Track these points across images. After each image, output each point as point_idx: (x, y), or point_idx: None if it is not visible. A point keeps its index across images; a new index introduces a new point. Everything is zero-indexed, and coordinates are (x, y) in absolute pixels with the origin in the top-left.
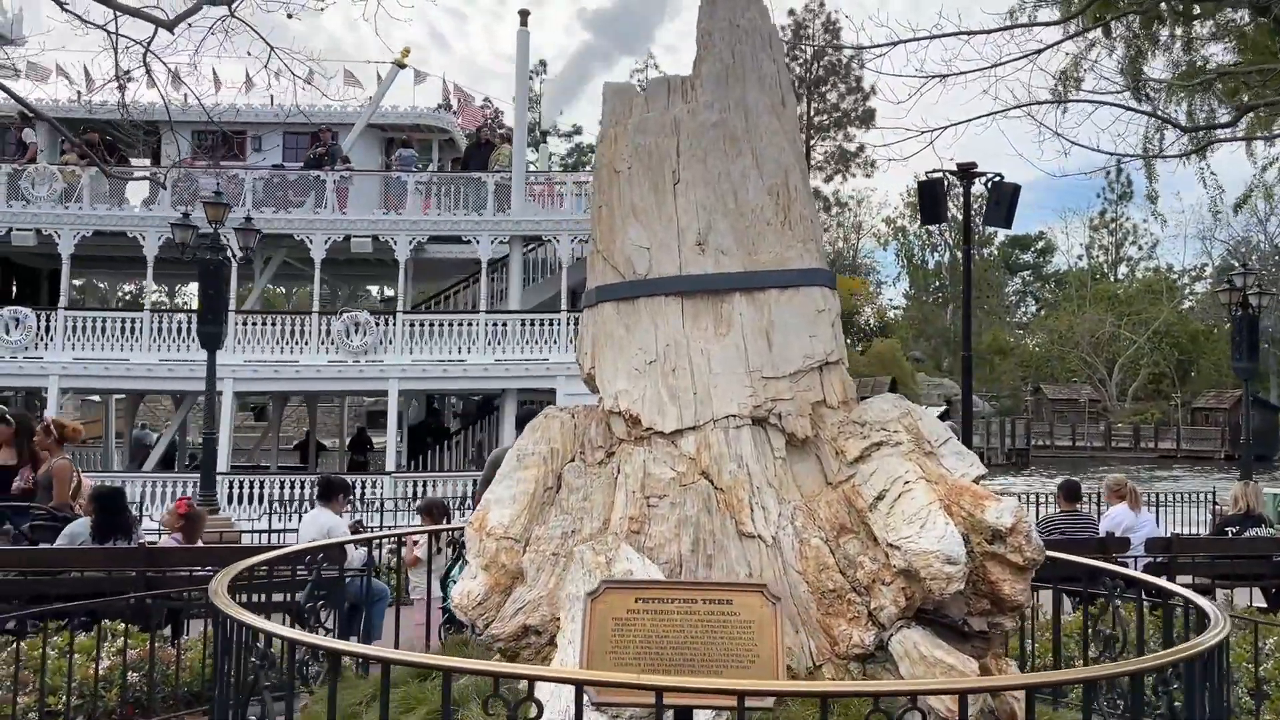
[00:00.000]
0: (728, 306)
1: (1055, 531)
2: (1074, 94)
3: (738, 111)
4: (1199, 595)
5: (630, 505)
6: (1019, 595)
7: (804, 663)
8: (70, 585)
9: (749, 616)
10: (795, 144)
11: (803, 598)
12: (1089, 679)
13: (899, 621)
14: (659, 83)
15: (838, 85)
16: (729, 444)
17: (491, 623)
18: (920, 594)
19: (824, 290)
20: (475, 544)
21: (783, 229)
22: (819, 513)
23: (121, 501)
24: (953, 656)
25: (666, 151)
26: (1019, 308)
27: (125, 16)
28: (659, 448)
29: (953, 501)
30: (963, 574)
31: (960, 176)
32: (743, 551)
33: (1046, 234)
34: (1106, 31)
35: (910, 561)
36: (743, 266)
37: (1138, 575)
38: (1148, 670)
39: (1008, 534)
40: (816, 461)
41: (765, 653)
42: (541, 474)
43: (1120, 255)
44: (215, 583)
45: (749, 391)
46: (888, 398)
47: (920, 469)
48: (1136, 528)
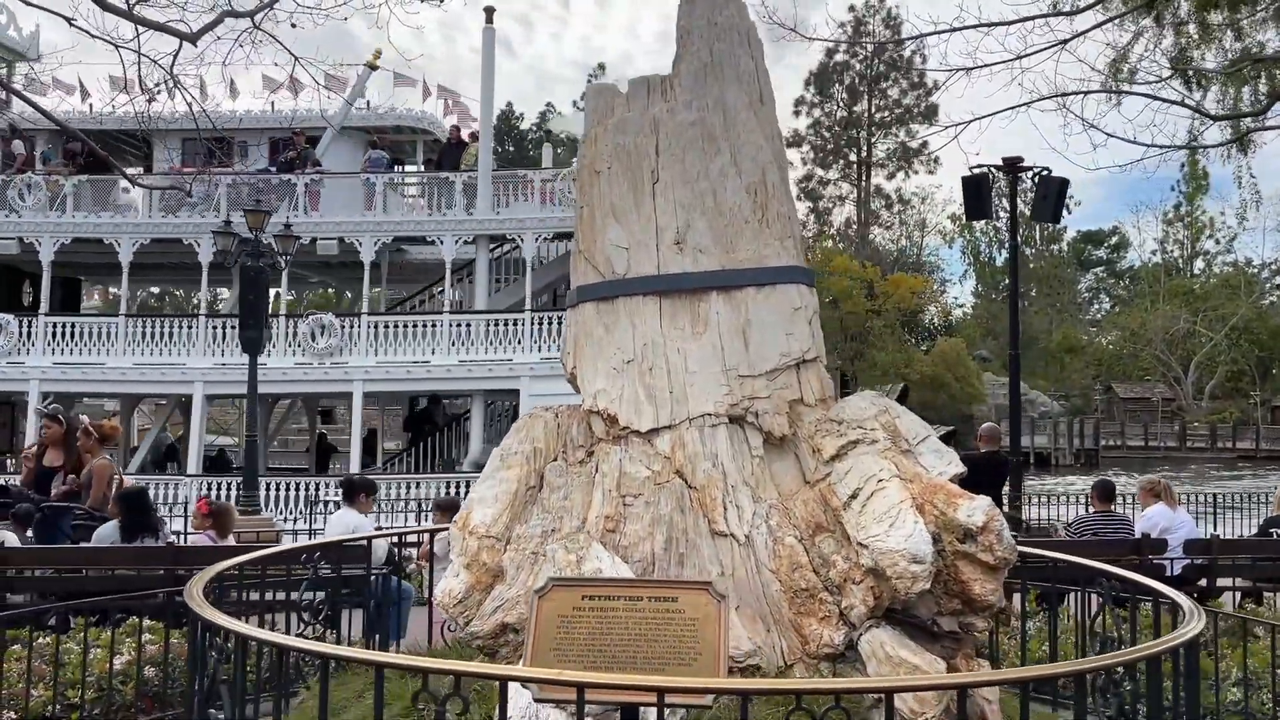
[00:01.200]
0: (705, 305)
1: (1088, 532)
2: (1119, 85)
3: (716, 110)
4: (1177, 592)
5: (606, 504)
6: (990, 595)
7: (775, 662)
8: (100, 583)
9: (694, 614)
10: (773, 141)
11: (774, 597)
12: (1035, 677)
13: (869, 621)
14: (639, 82)
15: (899, 81)
16: (704, 443)
17: (471, 620)
18: (888, 593)
19: (801, 288)
20: (459, 542)
21: (760, 227)
22: (795, 511)
23: (146, 501)
24: (919, 656)
25: (646, 151)
26: (1092, 305)
27: (147, 31)
28: (635, 447)
29: (926, 500)
30: (929, 573)
31: (1005, 171)
32: (715, 550)
33: (1120, 228)
34: (1159, 19)
35: (877, 560)
36: (721, 265)
37: (1122, 573)
38: (1096, 669)
39: (979, 533)
40: (795, 460)
41: (707, 650)
42: (524, 473)
43: (1196, 249)
44: (192, 584)
45: (725, 390)
46: (865, 395)
47: (895, 467)
48: (1174, 528)
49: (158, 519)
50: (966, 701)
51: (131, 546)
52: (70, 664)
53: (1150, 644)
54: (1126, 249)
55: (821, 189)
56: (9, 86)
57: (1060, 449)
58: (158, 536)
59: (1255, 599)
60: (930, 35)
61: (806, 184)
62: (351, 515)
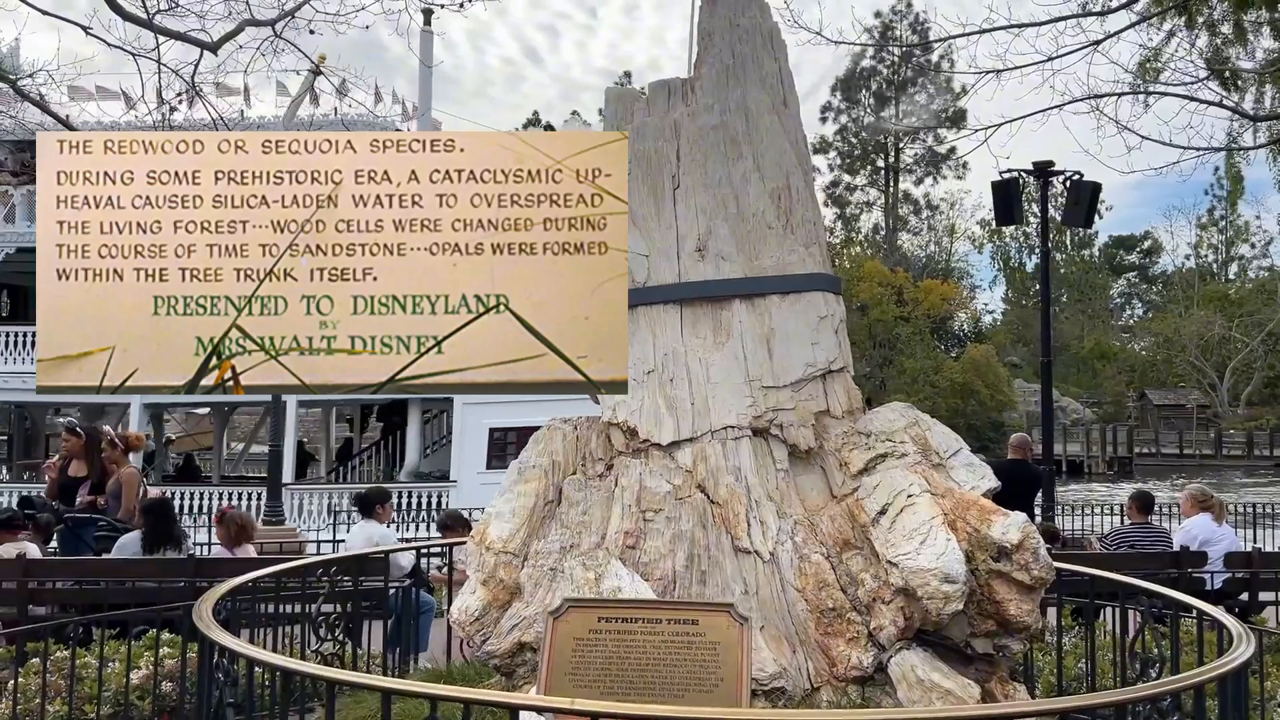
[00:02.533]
0: (727, 314)
1: (1124, 545)
2: (1151, 87)
3: (738, 113)
4: (1222, 612)
5: (626, 519)
6: (1026, 616)
7: (800, 684)
8: (121, 595)
9: (715, 637)
10: (798, 145)
11: (800, 616)
12: (1075, 709)
13: (899, 643)
14: (659, 86)
15: (927, 86)
16: (726, 456)
17: (489, 639)
18: (919, 614)
19: (826, 295)
20: (475, 558)
21: (784, 233)
22: (821, 527)
23: (170, 512)
24: (951, 680)
25: (666, 156)
26: (1124, 310)
27: (167, 40)
28: (656, 460)
29: (958, 516)
30: (962, 593)
31: (1036, 176)
32: (738, 567)
33: (1153, 233)
34: (1190, 21)
35: (908, 579)
36: (743, 272)
37: (1163, 590)
38: (1139, 700)
39: (1014, 551)
40: (821, 474)
41: (729, 675)
42: (542, 487)
43: (1231, 254)
44: (201, 602)
45: (749, 401)
46: (895, 406)
47: (926, 482)
48: (1214, 541)
49: (181, 530)
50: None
51: (153, 559)
52: (87, 679)
53: (1197, 671)
54: (1159, 254)
55: (849, 195)
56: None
57: (1093, 456)
58: (180, 548)
59: None
60: (959, 37)
61: (834, 190)
62: (372, 526)
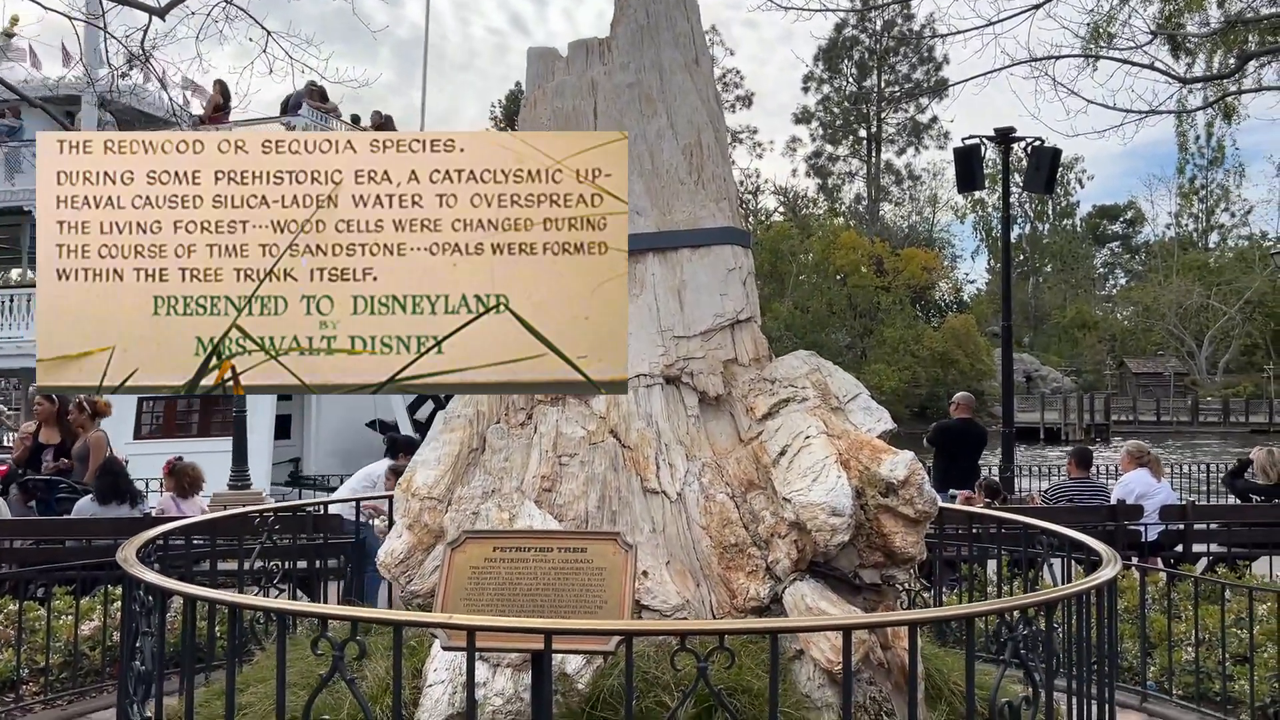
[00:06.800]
0: (640, 267)
1: (1063, 499)
2: (1098, 50)
3: (652, 71)
4: (1099, 543)
5: (543, 464)
6: (910, 548)
7: (703, 615)
8: (79, 553)
9: (601, 563)
10: (709, 103)
11: (705, 552)
12: (923, 619)
13: (793, 574)
14: (578, 45)
15: (909, 56)
16: (638, 403)
17: (412, 580)
18: (811, 546)
19: (735, 249)
20: (401, 504)
21: (696, 188)
22: (728, 469)
23: (119, 468)
24: (839, 608)
25: (584, 113)
26: (1107, 280)
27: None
28: (572, 408)
29: (852, 456)
30: (848, 526)
31: (998, 142)
32: (646, 507)
33: (1136, 203)
34: None
35: (799, 514)
36: (657, 227)
37: (1056, 528)
38: (985, 612)
39: (900, 486)
40: (730, 419)
41: (613, 598)
42: (466, 436)
43: (1211, 223)
44: (125, 547)
45: (661, 351)
46: (799, 354)
47: (824, 424)
48: (1150, 495)
49: (134, 488)
50: (886, 651)
51: (109, 519)
52: (41, 631)
53: (1066, 586)
54: (1142, 224)
55: (831, 165)
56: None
57: (1071, 424)
58: (134, 504)
59: (1230, 565)
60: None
61: (816, 160)
62: (377, 465)
